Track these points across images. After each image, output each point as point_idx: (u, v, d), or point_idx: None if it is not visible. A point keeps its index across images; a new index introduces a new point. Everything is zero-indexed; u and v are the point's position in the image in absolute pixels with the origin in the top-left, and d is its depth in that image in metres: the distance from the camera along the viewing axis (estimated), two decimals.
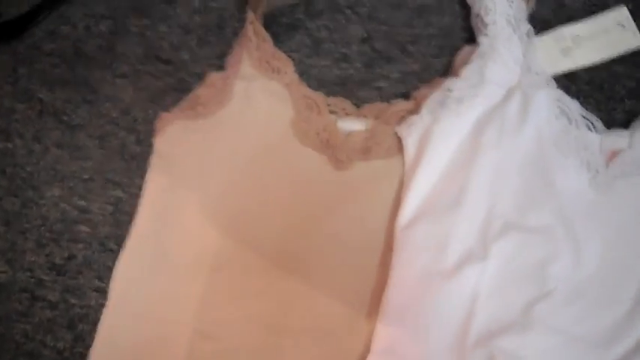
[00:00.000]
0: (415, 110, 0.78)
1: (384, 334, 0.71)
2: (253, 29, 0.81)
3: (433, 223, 0.72)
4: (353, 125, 0.79)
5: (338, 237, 0.76)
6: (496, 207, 0.72)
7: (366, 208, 0.76)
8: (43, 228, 0.82)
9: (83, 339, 0.78)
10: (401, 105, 0.79)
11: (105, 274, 0.79)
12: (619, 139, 0.76)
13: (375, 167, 0.77)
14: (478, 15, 0.81)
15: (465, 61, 0.80)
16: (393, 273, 0.72)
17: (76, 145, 0.84)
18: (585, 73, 0.80)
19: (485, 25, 0.79)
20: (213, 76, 0.82)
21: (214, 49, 0.86)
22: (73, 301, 0.80)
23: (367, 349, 0.71)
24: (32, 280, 0.81)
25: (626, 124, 0.77)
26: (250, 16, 0.81)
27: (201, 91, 0.81)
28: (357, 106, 0.81)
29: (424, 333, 0.70)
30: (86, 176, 0.83)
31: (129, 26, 0.89)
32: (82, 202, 0.82)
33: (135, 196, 0.81)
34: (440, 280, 0.70)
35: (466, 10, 0.83)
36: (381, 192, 0.77)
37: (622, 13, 0.81)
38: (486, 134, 0.74)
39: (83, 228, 0.81)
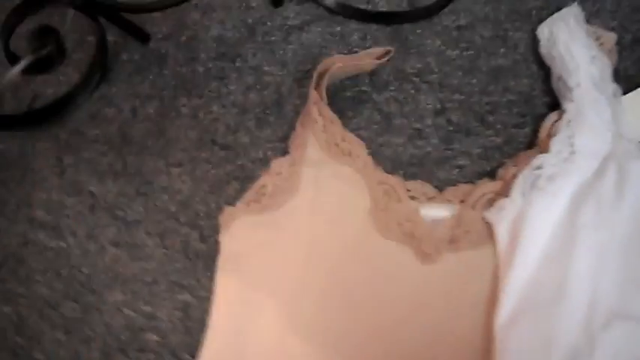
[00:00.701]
0: (503, 191, 0.72)
1: None
2: (318, 110, 0.75)
3: (536, 320, 0.67)
4: (437, 212, 0.73)
5: (429, 338, 0.70)
6: (599, 295, 0.66)
7: (458, 304, 0.70)
8: (108, 337, 0.76)
9: None
10: (487, 186, 0.73)
11: None
12: None
13: (465, 258, 0.71)
14: (560, 78, 0.75)
15: (551, 131, 0.73)
16: None
17: (134, 244, 0.79)
18: None
19: (570, 89, 0.73)
20: (279, 163, 0.76)
21: (275, 131, 0.80)
22: None
23: None
24: None
25: None
26: (313, 95, 0.74)
27: (267, 180, 0.76)
28: (439, 188, 0.75)
29: None
30: (149, 279, 0.77)
31: (178, 107, 0.82)
32: (148, 308, 0.77)
33: (204, 299, 0.76)
34: None
35: (544, 72, 0.77)
36: (473, 285, 0.70)
37: None
38: (583, 214, 0.69)
39: (151, 336, 0.76)
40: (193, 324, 0.76)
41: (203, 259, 0.77)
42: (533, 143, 0.75)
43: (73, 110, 0.86)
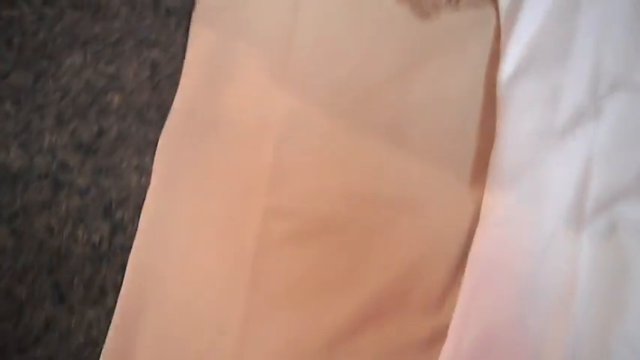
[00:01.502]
0: None
1: (496, 202, 0.60)
2: None
3: (539, 77, 0.63)
4: None
5: (431, 95, 0.64)
6: (604, 61, 0.63)
7: (458, 61, 0.65)
8: (63, 102, 0.67)
9: (124, 228, 0.63)
10: None
11: (146, 149, 0.65)
12: None
13: (465, 17, 0.66)
14: None
15: None
16: (500, 132, 0.61)
17: (97, 4, 0.68)
18: None
19: None
20: None
21: None
22: (107, 184, 0.65)
23: (474, 220, 0.60)
24: (54, 163, 0.65)
25: None
26: None
27: None
28: None
29: (539, 199, 0.60)
30: (113, 38, 0.68)
31: None
32: (111, 68, 0.67)
33: (176, 56, 0.66)
34: (552, 140, 0.61)
35: None
36: (473, 43, 0.65)
37: None
38: None
39: (113, 97, 0.66)
40: (162, 81, 0.66)
41: (176, 15, 0.68)
42: None
43: None
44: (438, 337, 0.57)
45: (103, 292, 0.63)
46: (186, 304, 0.60)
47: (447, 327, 0.57)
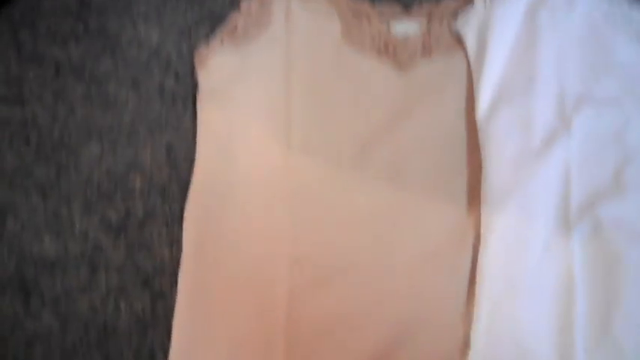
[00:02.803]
0: (465, 5, 0.76)
1: (491, 220, 0.69)
2: None
3: (512, 107, 0.73)
4: (407, 28, 0.76)
5: (417, 138, 0.73)
6: (566, 83, 0.74)
7: (439, 105, 0.73)
8: (88, 190, 0.73)
9: (164, 296, 0.70)
10: (450, 2, 0.77)
11: (173, 222, 0.71)
12: None
13: (439, 65, 0.75)
14: None
15: None
16: (486, 161, 0.70)
17: (106, 98, 0.76)
18: None
19: None
20: (248, 3, 0.76)
21: None
22: (141, 258, 0.71)
23: (475, 236, 0.69)
24: (88, 247, 0.72)
25: None
26: None
27: (237, 19, 0.76)
28: (406, 8, 0.77)
29: (529, 211, 0.69)
30: (126, 127, 0.75)
31: None
32: (129, 154, 0.74)
33: (188, 136, 0.74)
34: (533, 158, 0.71)
35: None
36: (449, 88, 0.74)
37: None
38: (540, 19, 0.75)
39: (135, 179, 0.73)
40: (178, 160, 0.73)
41: (181, 99, 0.76)
42: None
43: None
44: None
45: (152, 357, 0.69)
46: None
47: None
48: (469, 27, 0.76)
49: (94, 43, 0.79)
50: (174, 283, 0.69)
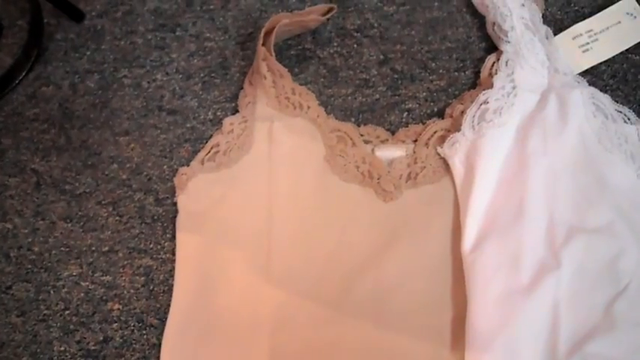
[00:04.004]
0: (453, 128, 0.75)
1: None
2: (267, 65, 0.75)
3: (500, 241, 0.70)
4: (392, 152, 0.75)
5: (402, 271, 0.71)
6: (556, 212, 0.70)
7: (425, 236, 0.72)
8: (67, 312, 0.74)
9: None
10: (438, 124, 0.76)
11: (151, 352, 0.72)
12: None
13: (425, 193, 0.73)
14: (495, 23, 0.79)
15: (491, 71, 0.77)
16: (471, 299, 0.68)
17: (86, 216, 0.77)
18: (607, 67, 0.79)
19: (505, 33, 0.77)
20: (230, 121, 0.77)
21: (223, 92, 0.80)
22: None
23: None
24: None
25: None
26: (261, 51, 0.75)
27: (219, 139, 0.76)
28: (391, 131, 0.77)
29: (515, 353, 0.67)
30: (105, 248, 0.76)
31: (120, 79, 0.82)
32: (107, 277, 0.75)
33: (166, 262, 0.75)
34: (521, 297, 0.67)
35: (479, 20, 0.81)
36: (436, 217, 0.73)
37: (630, 3, 0.81)
38: (531, 142, 0.72)
39: (114, 305, 0.74)
40: (157, 287, 0.74)
41: (161, 222, 0.76)
42: (476, 84, 0.78)
43: (8, 93, 0.83)
44: None
45: None
46: None
47: None
48: (456, 152, 0.74)
49: (76, 157, 0.79)
50: None
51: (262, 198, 0.73)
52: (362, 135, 0.76)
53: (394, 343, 0.69)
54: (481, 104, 0.74)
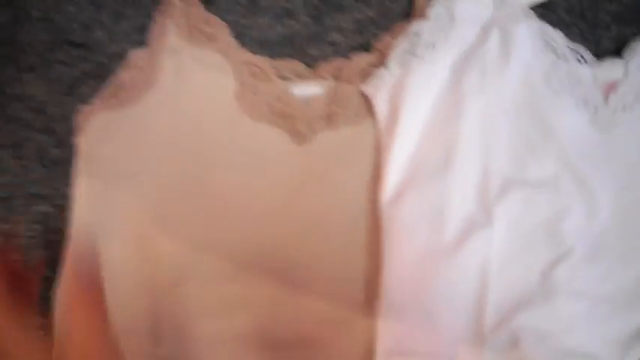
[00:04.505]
0: (380, 63, 0.67)
1: (387, 331, 0.61)
2: None
3: (423, 193, 0.63)
4: (310, 90, 0.68)
5: (314, 223, 0.65)
6: (491, 162, 0.63)
7: (340, 185, 0.66)
8: None
9: None
10: (362, 59, 0.68)
11: (42, 305, 0.66)
12: (613, 69, 0.67)
13: (344, 136, 0.67)
14: None
15: (428, 2, 0.68)
16: (386, 258, 0.62)
17: None
18: (563, 0, 0.70)
19: None
20: (137, 55, 0.70)
21: (133, 23, 0.73)
22: None
23: (369, 353, 0.61)
24: None
25: (616, 52, 0.68)
26: None
27: (125, 75, 0.70)
28: (311, 66, 0.70)
29: (434, 322, 0.61)
30: (4, 194, 0.69)
31: (30, 11, 0.74)
32: (4, 225, 0.69)
33: (65, 208, 0.68)
34: (442, 258, 0.61)
35: None
36: (354, 164, 0.66)
37: None
38: (467, 80, 0.64)
39: None
40: (54, 236, 0.68)
41: (61, 165, 0.70)
42: (410, 16, 0.69)
43: None
44: None
45: None
46: None
47: None
48: (380, 90, 0.66)
49: None
50: None
51: (165, 139, 0.68)
52: (277, 69, 0.69)
53: (304, 303, 0.63)
54: (412, 36, 0.66)
